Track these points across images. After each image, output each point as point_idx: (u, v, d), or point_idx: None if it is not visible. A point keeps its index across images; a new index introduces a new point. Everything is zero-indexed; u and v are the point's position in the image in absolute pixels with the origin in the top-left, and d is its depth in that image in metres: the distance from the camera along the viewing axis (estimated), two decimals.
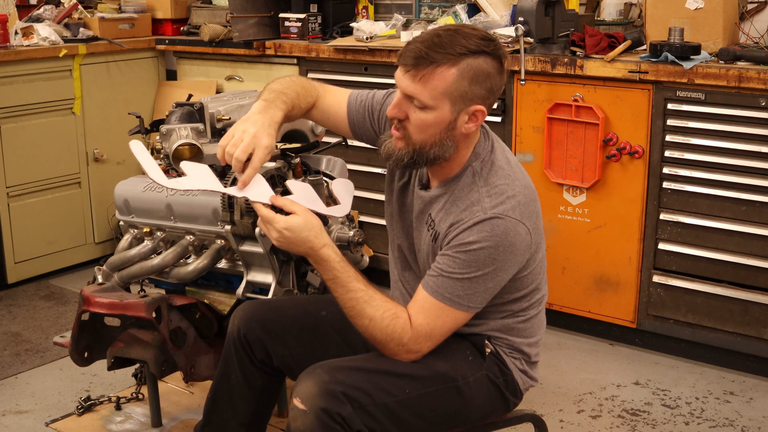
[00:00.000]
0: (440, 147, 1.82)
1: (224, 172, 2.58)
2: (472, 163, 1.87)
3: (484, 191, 1.83)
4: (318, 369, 1.83)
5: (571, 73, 3.14)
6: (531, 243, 1.85)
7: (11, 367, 3.18)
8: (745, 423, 2.78)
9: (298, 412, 1.77)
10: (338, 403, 1.77)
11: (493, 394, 1.97)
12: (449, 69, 1.75)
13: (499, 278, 1.83)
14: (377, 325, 1.83)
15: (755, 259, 2.95)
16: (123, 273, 2.59)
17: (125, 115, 3.47)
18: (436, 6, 4.02)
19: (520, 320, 1.97)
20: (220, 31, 4.05)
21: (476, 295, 1.82)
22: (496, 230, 1.78)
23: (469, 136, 1.86)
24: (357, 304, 1.84)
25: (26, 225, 3.89)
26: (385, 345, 1.85)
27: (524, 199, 1.83)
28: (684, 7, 3.05)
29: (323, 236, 1.84)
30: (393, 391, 1.84)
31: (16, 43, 3.79)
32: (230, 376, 2.16)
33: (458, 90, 1.76)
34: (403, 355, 1.86)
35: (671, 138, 3.03)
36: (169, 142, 2.51)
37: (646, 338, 3.28)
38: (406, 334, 1.83)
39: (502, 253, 1.79)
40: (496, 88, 1.81)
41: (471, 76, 1.76)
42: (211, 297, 2.64)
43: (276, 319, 2.12)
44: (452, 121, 1.79)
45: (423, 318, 1.83)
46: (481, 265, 1.79)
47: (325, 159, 2.78)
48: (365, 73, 3.69)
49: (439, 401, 1.89)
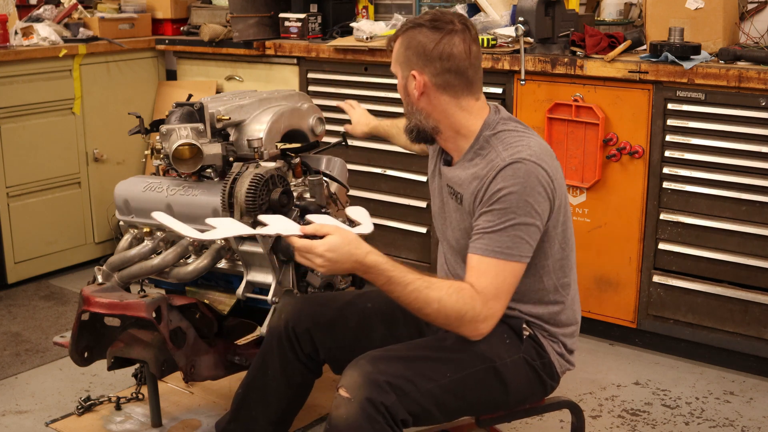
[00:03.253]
0: (413, 115, 2.04)
1: (224, 172, 2.59)
2: (483, 133, 2.00)
3: (500, 147, 1.96)
4: (361, 360, 1.88)
5: (571, 73, 3.14)
6: (553, 185, 1.92)
7: (11, 367, 3.18)
8: (745, 423, 2.78)
9: (342, 400, 1.82)
10: (382, 392, 1.81)
11: (531, 376, 2.02)
12: (398, 40, 2.04)
13: (536, 221, 1.90)
14: (446, 304, 1.85)
15: (755, 259, 2.95)
16: (123, 273, 2.59)
17: (125, 115, 3.47)
18: (436, 6, 4.02)
19: (554, 306, 2.04)
20: (220, 31, 4.05)
21: (522, 242, 1.88)
22: (518, 173, 1.88)
23: (437, 104, 1.99)
24: (419, 293, 1.86)
25: (26, 225, 3.89)
26: (461, 321, 1.87)
27: (538, 149, 1.95)
28: (684, 7, 3.05)
29: (363, 245, 1.88)
30: (434, 376, 1.88)
31: (16, 43, 3.78)
32: (267, 372, 2.22)
33: (401, 57, 2.02)
34: (480, 324, 1.88)
35: (671, 138, 3.03)
36: (169, 142, 2.51)
37: (646, 338, 3.28)
38: (477, 302, 1.86)
39: (530, 193, 1.88)
40: (431, 56, 1.96)
41: (406, 44, 2.00)
42: (211, 297, 2.64)
43: (324, 312, 2.19)
44: (404, 86, 2.03)
45: (484, 280, 1.88)
46: (515, 209, 1.87)
47: (325, 159, 2.78)
48: (365, 73, 3.69)
49: (478, 383, 1.94)
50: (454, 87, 1.98)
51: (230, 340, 2.68)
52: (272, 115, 2.62)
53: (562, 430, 2.74)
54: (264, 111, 2.65)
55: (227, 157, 2.56)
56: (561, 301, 2.05)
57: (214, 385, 2.95)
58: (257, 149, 2.53)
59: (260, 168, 2.45)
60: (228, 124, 2.59)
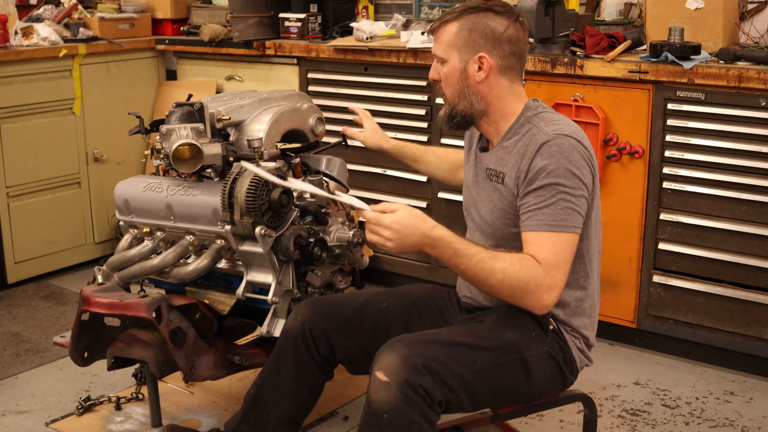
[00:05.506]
0: (465, 98, 2.06)
1: (224, 172, 2.59)
2: (525, 114, 2.07)
3: (542, 124, 2.01)
4: (398, 343, 1.89)
5: (571, 73, 3.14)
6: (593, 162, 1.99)
7: (11, 367, 3.18)
8: (745, 423, 2.78)
9: (380, 384, 1.83)
10: (420, 375, 1.82)
11: (553, 370, 2.05)
12: (452, 23, 2.05)
13: (582, 192, 1.95)
14: (511, 273, 1.89)
15: (755, 259, 2.95)
16: (123, 273, 2.59)
17: (125, 115, 3.47)
18: (436, 6, 4.02)
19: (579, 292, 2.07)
20: (220, 31, 4.05)
21: (573, 213, 1.93)
22: (562, 147, 1.94)
23: (493, 86, 2.05)
24: (485, 264, 1.89)
25: (26, 225, 3.89)
26: (525, 290, 1.90)
27: (577, 129, 2.01)
28: (684, 7, 3.05)
29: (429, 220, 1.91)
30: (467, 362, 1.90)
31: (16, 43, 3.79)
32: (280, 373, 2.23)
33: (461, 40, 2.03)
34: (544, 294, 1.91)
35: (671, 138, 3.03)
36: (169, 142, 2.50)
37: (646, 338, 3.28)
38: (539, 271, 1.90)
39: (575, 165, 1.94)
40: (501, 40, 2.02)
41: (470, 26, 2.03)
42: (211, 297, 2.64)
43: (340, 312, 2.21)
44: (463, 69, 2.04)
45: (544, 251, 1.92)
46: (563, 181, 1.93)
47: (325, 159, 2.78)
48: (365, 73, 3.69)
49: (507, 372, 1.97)
50: (512, 71, 2.06)
51: (230, 340, 2.68)
52: (272, 115, 2.62)
53: (562, 430, 2.74)
54: (264, 111, 2.65)
55: (227, 157, 2.56)
56: (584, 287, 2.09)
57: (214, 385, 2.95)
58: (257, 149, 2.53)
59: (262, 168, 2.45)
60: (228, 124, 2.58)
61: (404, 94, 3.60)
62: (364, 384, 2.95)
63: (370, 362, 2.16)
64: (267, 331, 2.51)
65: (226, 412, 2.79)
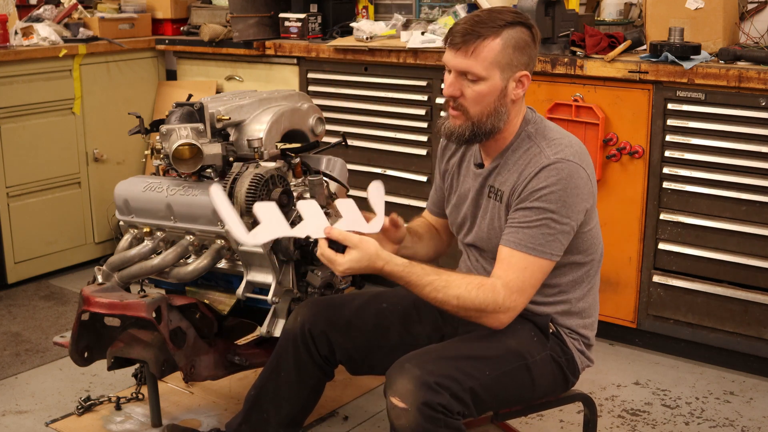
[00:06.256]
0: (496, 116, 1.98)
1: (224, 172, 2.58)
2: (525, 128, 2.03)
3: (543, 144, 1.98)
4: (406, 364, 1.89)
5: (571, 73, 3.14)
6: (592, 190, 1.97)
7: (11, 367, 3.18)
8: (745, 423, 2.78)
9: (399, 411, 1.84)
10: (435, 393, 1.83)
11: (556, 373, 2.06)
12: (494, 40, 1.93)
13: (571, 222, 1.94)
14: (467, 299, 1.90)
15: (755, 259, 2.95)
16: (123, 273, 2.59)
17: (125, 115, 3.47)
18: (436, 6, 4.02)
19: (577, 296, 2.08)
20: (220, 31, 4.05)
21: (555, 240, 1.93)
22: (562, 173, 1.92)
23: (518, 103, 2.01)
24: (438, 292, 1.92)
25: (26, 225, 3.89)
26: (483, 313, 1.92)
27: (579, 149, 1.99)
28: (684, 7, 3.05)
29: (381, 256, 1.92)
30: (476, 374, 1.91)
31: (16, 43, 3.78)
32: (280, 374, 2.23)
33: (505, 58, 1.94)
34: (502, 316, 1.92)
35: (671, 138, 3.03)
36: (169, 142, 2.50)
37: (646, 338, 3.28)
38: (499, 295, 1.91)
39: (570, 195, 1.92)
40: (534, 54, 1.99)
41: (513, 44, 1.94)
42: (211, 297, 2.63)
43: (340, 313, 2.21)
44: (503, 88, 1.96)
45: (512, 273, 1.92)
46: (553, 208, 1.91)
47: (325, 159, 2.78)
48: (365, 73, 3.69)
49: (512, 380, 1.98)
50: (527, 85, 2.01)
51: (230, 340, 2.68)
52: (272, 115, 2.62)
53: (562, 430, 2.74)
54: (264, 111, 2.65)
55: (227, 157, 2.56)
56: (584, 292, 2.10)
57: (214, 385, 2.95)
58: (257, 149, 2.53)
59: (260, 168, 2.45)
60: (228, 124, 2.58)
61: (404, 94, 3.60)
62: (364, 384, 2.97)
63: (370, 363, 2.17)
64: (267, 331, 2.51)
65: (226, 412, 2.79)
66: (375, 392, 2.95)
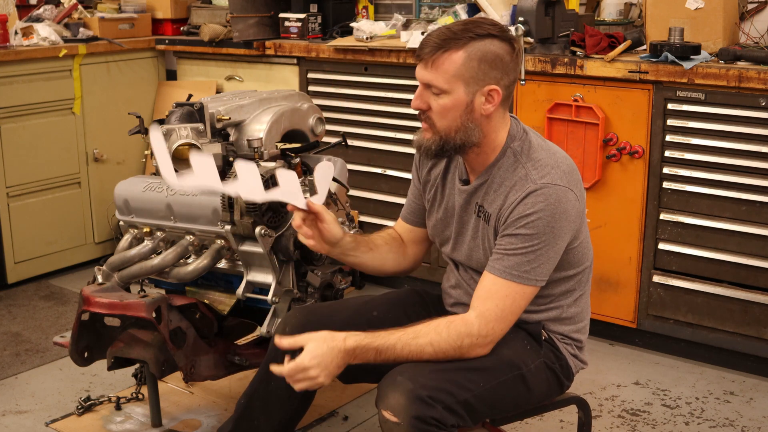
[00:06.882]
0: (464, 131, 1.91)
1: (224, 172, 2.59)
2: (510, 144, 1.96)
3: (529, 166, 1.92)
4: (399, 377, 1.86)
5: (571, 73, 3.14)
6: (581, 209, 1.94)
7: (11, 367, 3.18)
8: (745, 423, 2.78)
9: (392, 425, 1.82)
10: (428, 407, 1.80)
11: (551, 379, 2.05)
12: (457, 52, 1.86)
13: (558, 246, 1.90)
14: (439, 342, 1.88)
15: (755, 259, 2.95)
16: (123, 273, 2.59)
17: (125, 115, 3.47)
18: (436, 6, 4.02)
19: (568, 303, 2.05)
20: (220, 31, 4.05)
21: (540, 267, 1.89)
22: (549, 198, 1.87)
23: (493, 118, 1.93)
24: (410, 347, 1.88)
25: (26, 225, 3.89)
26: (461, 349, 1.89)
27: (567, 168, 1.93)
28: (684, 7, 3.05)
29: (336, 334, 1.88)
30: (469, 386, 1.89)
31: (16, 43, 3.78)
32: (270, 382, 2.17)
33: (469, 71, 1.86)
34: (479, 348, 1.90)
35: (671, 138, 3.03)
36: (169, 142, 2.51)
37: (646, 338, 3.28)
38: (473, 327, 1.88)
39: (558, 220, 1.87)
40: (510, 68, 1.90)
41: (479, 57, 1.86)
42: (211, 297, 2.64)
43: (329, 322, 2.11)
44: (469, 102, 1.89)
45: (490, 303, 1.89)
46: (540, 234, 1.87)
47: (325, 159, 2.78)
48: (365, 73, 3.69)
49: (508, 390, 1.95)
50: (508, 99, 1.95)
51: (230, 340, 2.68)
52: (272, 115, 2.62)
53: (562, 430, 2.74)
54: (264, 111, 2.65)
55: (227, 157, 2.56)
56: (575, 300, 2.07)
57: (214, 385, 2.95)
58: (257, 149, 2.53)
59: (260, 168, 2.45)
60: (228, 124, 2.59)
61: (404, 94, 3.60)
62: (364, 384, 2.96)
63: (362, 372, 2.11)
64: (267, 331, 2.51)
65: (226, 412, 2.79)
66: (375, 392, 2.94)
